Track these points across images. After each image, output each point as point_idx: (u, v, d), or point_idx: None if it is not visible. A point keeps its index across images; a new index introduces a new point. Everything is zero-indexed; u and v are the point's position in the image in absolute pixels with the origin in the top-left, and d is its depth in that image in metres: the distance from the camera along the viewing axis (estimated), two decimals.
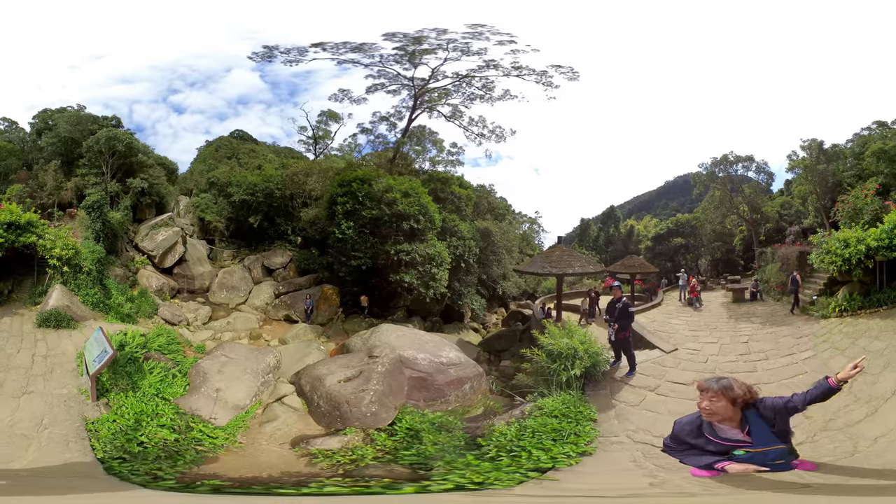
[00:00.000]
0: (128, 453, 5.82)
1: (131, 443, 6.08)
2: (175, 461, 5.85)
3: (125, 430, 6.31)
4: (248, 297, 18.58)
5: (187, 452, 6.14)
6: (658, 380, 8.25)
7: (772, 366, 8.62)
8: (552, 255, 13.07)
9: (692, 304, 16.55)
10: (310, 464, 6.17)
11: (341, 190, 17.00)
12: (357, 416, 7.40)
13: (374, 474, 5.75)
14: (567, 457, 5.78)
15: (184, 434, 6.60)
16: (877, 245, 10.20)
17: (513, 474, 5.39)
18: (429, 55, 20.18)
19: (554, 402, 7.15)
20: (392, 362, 8.59)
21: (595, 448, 6.06)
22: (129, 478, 5.19)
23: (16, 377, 7.56)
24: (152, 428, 6.52)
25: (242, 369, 8.75)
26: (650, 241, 29.54)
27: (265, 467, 6.06)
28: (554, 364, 7.84)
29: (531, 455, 5.83)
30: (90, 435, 6.14)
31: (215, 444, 6.54)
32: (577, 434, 6.34)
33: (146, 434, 6.34)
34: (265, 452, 6.63)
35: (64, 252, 12.19)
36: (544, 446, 6.02)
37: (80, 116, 20.31)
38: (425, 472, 5.71)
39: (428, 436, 6.79)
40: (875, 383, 6.61)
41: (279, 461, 6.30)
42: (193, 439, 6.54)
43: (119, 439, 6.09)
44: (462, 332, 18.31)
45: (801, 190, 23.92)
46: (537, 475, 5.36)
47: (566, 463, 5.64)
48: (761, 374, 8.19)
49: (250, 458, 6.36)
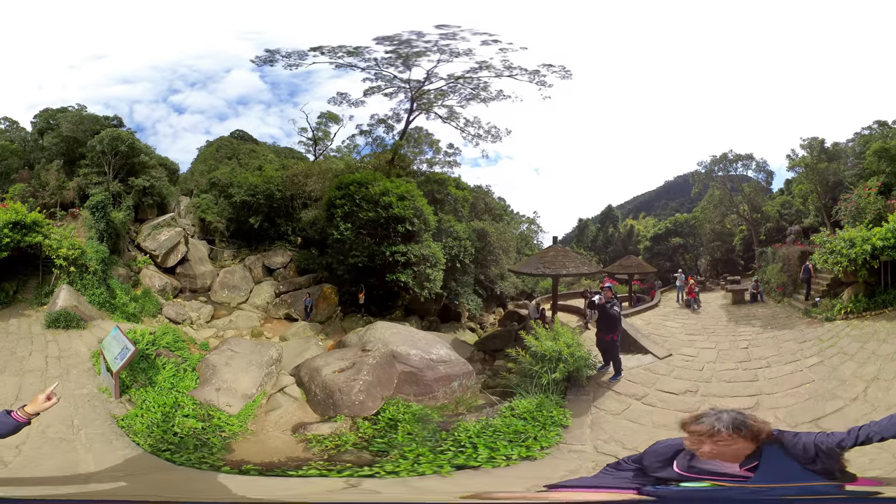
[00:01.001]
0: (171, 444, 6.11)
1: (167, 434, 6.34)
2: (210, 448, 6.19)
3: (157, 423, 6.57)
4: (249, 297, 18.85)
5: (215, 440, 6.49)
6: (647, 388, 7.85)
7: (775, 374, 8.03)
8: (547, 255, 13.16)
9: (690, 305, 16.51)
10: (306, 449, 6.56)
11: (339, 193, 17.33)
12: (346, 404, 7.81)
13: (348, 460, 6.10)
14: (506, 458, 5.80)
15: (207, 422, 6.95)
16: (882, 245, 9.98)
17: (439, 467, 5.63)
18: (420, 58, 20.32)
19: (528, 404, 7.12)
20: (384, 356, 8.95)
21: (545, 454, 5.96)
22: (199, 465, 5.58)
23: (33, 381, 7.59)
24: (180, 419, 6.82)
25: (248, 362, 9.16)
26: (649, 241, 29.51)
27: (275, 453, 6.45)
28: (536, 366, 7.79)
29: (475, 452, 5.94)
30: (125, 431, 6.31)
31: (234, 431, 6.93)
32: (536, 438, 6.25)
33: (177, 425, 6.63)
34: (272, 438, 7.04)
35: (70, 252, 12.30)
36: (495, 446, 6.06)
37: (83, 116, 20.47)
38: (379, 459, 6.02)
39: (405, 426, 7.05)
40: (890, 389, 6.31)
41: (284, 447, 6.70)
42: (217, 427, 6.90)
43: (156, 432, 6.34)
44: (458, 332, 18.50)
45: (801, 189, 23.77)
46: (447, 471, 5.53)
47: (503, 464, 5.69)
48: (763, 384, 7.67)
49: (262, 445, 6.76)
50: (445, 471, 5.58)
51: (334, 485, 5.14)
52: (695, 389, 7.80)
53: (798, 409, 6.59)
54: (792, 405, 6.79)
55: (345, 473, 5.57)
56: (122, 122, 21.66)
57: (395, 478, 5.43)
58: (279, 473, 5.71)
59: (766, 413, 6.61)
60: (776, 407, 6.84)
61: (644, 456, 2.56)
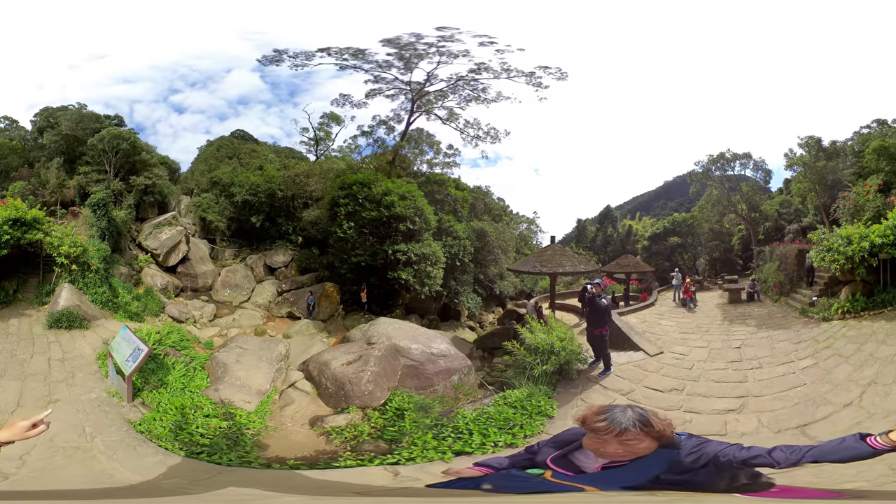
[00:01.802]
0: (204, 447, 5.96)
1: (194, 436, 6.15)
2: (244, 447, 6.15)
3: (179, 425, 6.34)
4: (251, 295, 18.95)
5: (245, 438, 6.45)
6: (634, 384, 7.87)
7: (765, 375, 7.80)
8: (545, 254, 13.29)
9: (686, 304, 16.64)
10: (328, 441, 6.72)
11: (343, 192, 17.48)
12: (357, 395, 8.06)
13: (368, 449, 6.32)
14: (494, 445, 6.09)
15: (231, 421, 6.88)
16: (881, 242, 9.66)
17: (442, 454, 5.87)
18: (421, 59, 20.46)
19: (519, 394, 7.37)
20: (388, 349, 9.20)
21: (527, 443, 6.09)
22: (247, 465, 5.59)
23: (35, 385, 7.18)
24: (202, 419, 6.65)
25: (258, 358, 9.28)
26: (647, 240, 29.61)
27: (302, 447, 6.52)
28: (529, 357, 8.02)
29: (470, 438, 6.22)
30: (147, 436, 6.05)
31: (257, 428, 6.91)
32: (522, 426, 6.52)
33: (200, 426, 6.49)
34: (293, 433, 7.10)
35: (72, 250, 12.15)
36: (487, 433, 6.33)
37: (83, 115, 20.47)
38: (397, 447, 6.24)
39: (410, 414, 7.28)
40: (888, 395, 5.96)
41: (307, 441, 6.80)
42: (241, 424, 6.85)
43: (181, 435, 6.10)
44: (458, 330, 18.64)
45: (800, 188, 23.79)
46: (449, 457, 5.77)
47: (491, 451, 5.96)
48: (752, 385, 7.43)
49: (286, 440, 6.81)
50: (447, 457, 5.80)
51: (383, 474, 5.27)
52: (681, 388, 7.73)
53: (785, 414, 6.33)
54: (779, 409, 6.53)
55: (376, 462, 5.74)
56: (123, 121, 21.72)
57: (414, 464, 5.62)
58: (326, 466, 5.76)
59: (750, 416, 6.46)
60: (761, 410, 6.58)
61: (549, 439, 2.45)
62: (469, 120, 22.78)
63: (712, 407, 6.96)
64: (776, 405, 6.75)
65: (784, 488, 2.13)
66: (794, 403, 6.66)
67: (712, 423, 6.39)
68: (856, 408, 6.01)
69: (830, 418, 5.93)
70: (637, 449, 2.02)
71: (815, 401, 6.55)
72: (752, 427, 6.20)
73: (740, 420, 6.46)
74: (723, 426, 6.32)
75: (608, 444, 2.04)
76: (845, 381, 6.90)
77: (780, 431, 5.87)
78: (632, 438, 2.00)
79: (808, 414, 6.21)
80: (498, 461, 2.63)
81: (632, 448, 2.02)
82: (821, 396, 6.64)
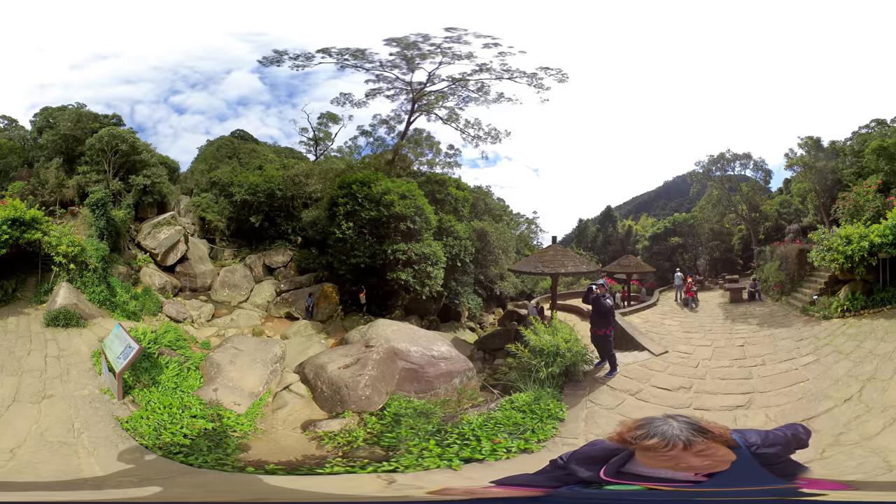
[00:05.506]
0: (183, 447, 5.91)
1: (176, 436, 6.13)
2: (225, 449, 6.04)
3: (164, 425, 6.34)
4: (250, 295, 18.86)
5: (229, 440, 6.36)
6: (641, 383, 7.93)
7: (769, 372, 8.02)
8: (546, 254, 13.23)
9: (688, 304, 16.63)
10: (319, 446, 6.57)
11: (342, 192, 17.36)
12: (353, 400, 7.85)
13: (361, 455, 6.14)
14: (506, 451, 5.88)
15: (218, 423, 6.80)
16: (881, 241, 9.84)
17: (448, 461, 5.67)
18: (423, 60, 20.46)
19: (526, 398, 7.21)
20: (386, 352, 9.00)
21: (542, 447, 6.03)
22: (220, 467, 5.44)
23: (31, 381, 7.30)
24: (188, 419, 6.62)
25: (252, 359, 9.14)
26: (647, 240, 29.57)
27: (289, 451, 6.40)
28: (535, 360, 7.90)
29: (479, 444, 6.00)
30: (131, 434, 6.08)
31: (245, 431, 6.82)
32: (534, 431, 6.35)
33: (185, 426, 6.45)
34: (283, 437, 6.99)
35: (70, 249, 12.17)
36: (496, 439, 6.14)
37: (81, 114, 20.44)
38: (393, 453, 6.04)
39: (408, 420, 7.10)
40: (886, 390, 6.11)
41: (296, 445, 6.66)
42: (227, 426, 6.77)
43: (164, 434, 6.10)
44: (458, 331, 18.56)
45: (800, 188, 23.82)
46: (457, 464, 5.58)
47: (504, 457, 5.77)
48: (757, 382, 7.65)
49: (275, 443, 6.69)
50: (455, 464, 5.61)
51: (374, 482, 5.08)
52: (688, 386, 7.87)
53: (790, 409, 6.55)
54: (784, 404, 6.75)
55: (368, 469, 5.55)
56: (122, 121, 21.67)
57: (412, 472, 5.42)
58: (308, 472, 5.62)
59: (758, 412, 6.66)
60: (768, 406, 6.81)
61: (573, 455, 2.23)
62: (469, 120, 22.81)
63: (721, 403, 7.12)
64: (781, 400, 6.94)
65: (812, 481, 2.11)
66: (798, 398, 6.85)
67: (722, 420, 6.43)
68: (855, 402, 6.16)
69: (831, 412, 6.10)
70: (717, 458, 1.83)
71: (817, 396, 6.75)
72: (760, 422, 6.35)
73: (749, 415, 6.63)
74: (733, 422, 6.44)
75: (676, 459, 1.81)
76: (845, 376, 7.09)
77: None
78: (703, 448, 1.81)
79: (812, 408, 6.40)
80: (529, 478, 2.31)
81: (710, 457, 1.82)
82: (822, 392, 6.83)
